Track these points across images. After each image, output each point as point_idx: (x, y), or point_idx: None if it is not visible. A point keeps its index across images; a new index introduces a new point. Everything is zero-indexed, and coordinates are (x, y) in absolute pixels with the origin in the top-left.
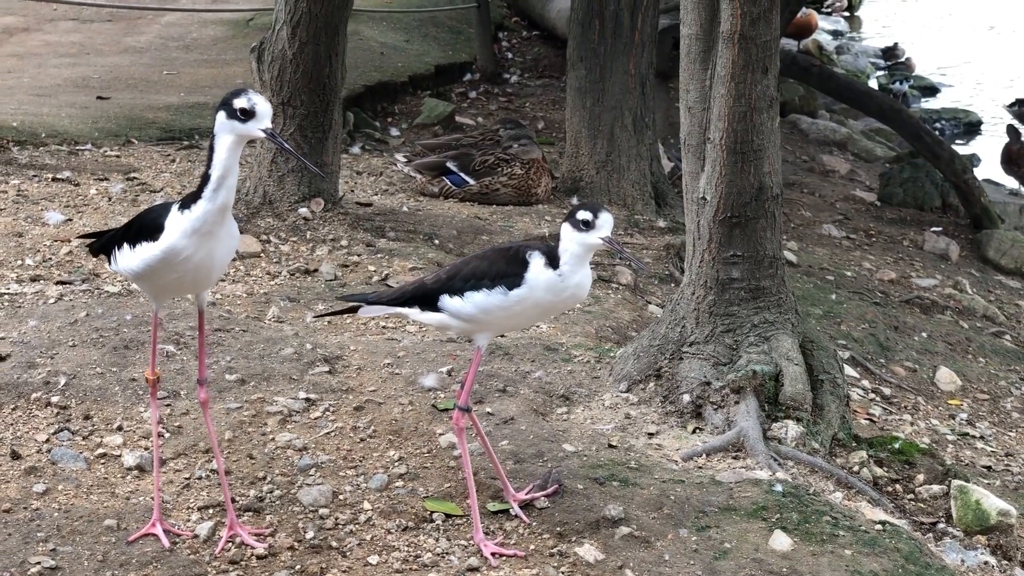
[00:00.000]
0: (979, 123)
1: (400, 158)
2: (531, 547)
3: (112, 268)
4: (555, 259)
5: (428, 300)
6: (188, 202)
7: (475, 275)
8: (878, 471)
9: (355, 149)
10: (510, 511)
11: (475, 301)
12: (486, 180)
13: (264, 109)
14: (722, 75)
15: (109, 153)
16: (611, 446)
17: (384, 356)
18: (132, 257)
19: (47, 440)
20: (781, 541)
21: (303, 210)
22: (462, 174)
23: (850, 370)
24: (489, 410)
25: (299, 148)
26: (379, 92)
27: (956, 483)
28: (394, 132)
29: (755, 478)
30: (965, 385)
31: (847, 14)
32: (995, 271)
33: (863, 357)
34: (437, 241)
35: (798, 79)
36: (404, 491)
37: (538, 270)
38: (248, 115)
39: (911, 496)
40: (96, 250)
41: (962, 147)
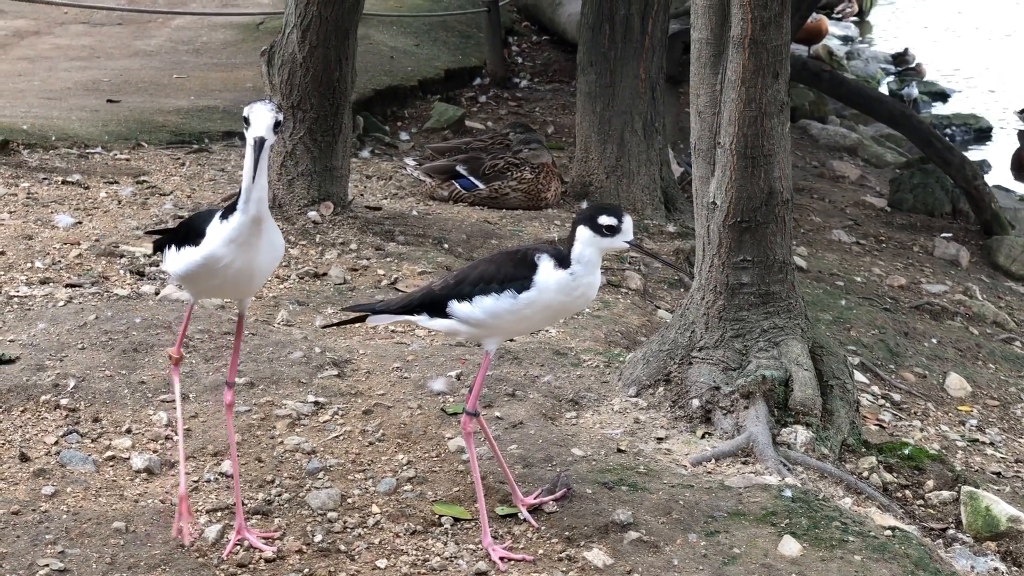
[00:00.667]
0: (989, 129)
1: (410, 162)
2: (540, 551)
3: (162, 268)
4: (564, 260)
5: (436, 306)
6: (228, 212)
7: (483, 279)
8: (888, 477)
9: (364, 153)
10: (519, 515)
11: (484, 306)
12: (496, 184)
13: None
14: (733, 79)
15: (119, 156)
16: (620, 451)
17: (393, 360)
18: (177, 260)
19: (56, 442)
20: (790, 547)
21: (312, 214)
22: (472, 178)
23: (860, 376)
24: (498, 414)
25: (308, 151)
26: (389, 96)
27: (966, 489)
28: (403, 136)
29: (764, 483)
30: (975, 391)
31: (857, 19)
32: (1005, 277)
33: (873, 363)
34: (446, 245)
35: (808, 84)
36: (413, 495)
37: (547, 272)
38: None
39: (921, 502)
40: (155, 248)
41: (972, 153)
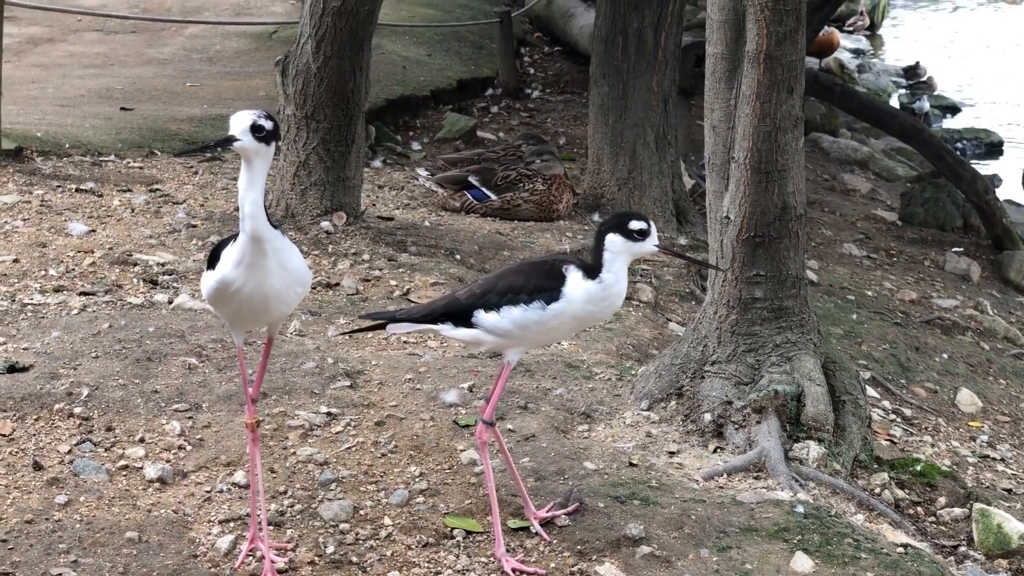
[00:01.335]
0: (1001, 143)
1: (422, 172)
2: (551, 565)
3: None
4: (591, 271)
5: (461, 316)
6: (237, 235)
7: (512, 289)
8: (899, 493)
9: (377, 163)
10: (531, 529)
11: (512, 316)
12: (508, 195)
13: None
14: (747, 95)
15: (132, 164)
16: (632, 464)
17: (405, 371)
18: (203, 284)
19: (69, 451)
20: (802, 563)
21: (325, 224)
22: (484, 189)
23: (871, 391)
24: (510, 427)
25: (321, 161)
26: (401, 106)
27: (978, 506)
28: (416, 146)
29: (776, 499)
30: (986, 407)
31: (869, 33)
32: (1016, 292)
33: (884, 378)
34: (458, 256)
35: (820, 97)
36: (425, 507)
37: (576, 283)
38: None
39: (932, 519)
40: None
41: (984, 167)
